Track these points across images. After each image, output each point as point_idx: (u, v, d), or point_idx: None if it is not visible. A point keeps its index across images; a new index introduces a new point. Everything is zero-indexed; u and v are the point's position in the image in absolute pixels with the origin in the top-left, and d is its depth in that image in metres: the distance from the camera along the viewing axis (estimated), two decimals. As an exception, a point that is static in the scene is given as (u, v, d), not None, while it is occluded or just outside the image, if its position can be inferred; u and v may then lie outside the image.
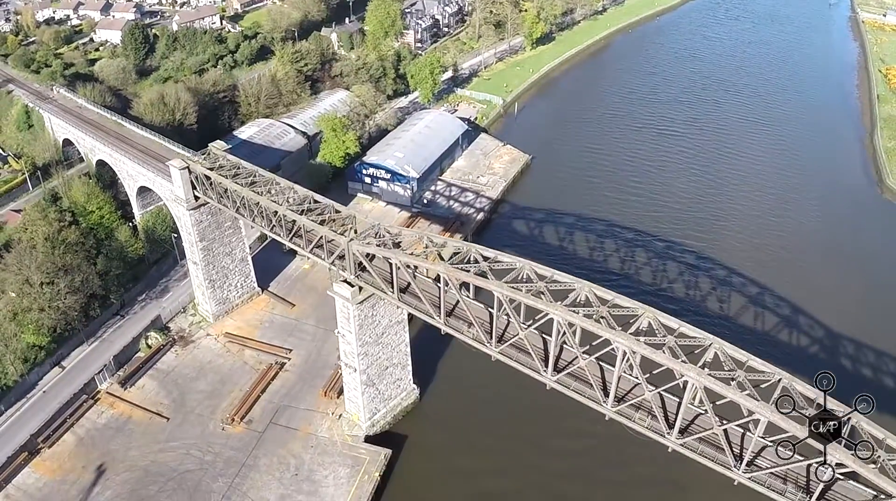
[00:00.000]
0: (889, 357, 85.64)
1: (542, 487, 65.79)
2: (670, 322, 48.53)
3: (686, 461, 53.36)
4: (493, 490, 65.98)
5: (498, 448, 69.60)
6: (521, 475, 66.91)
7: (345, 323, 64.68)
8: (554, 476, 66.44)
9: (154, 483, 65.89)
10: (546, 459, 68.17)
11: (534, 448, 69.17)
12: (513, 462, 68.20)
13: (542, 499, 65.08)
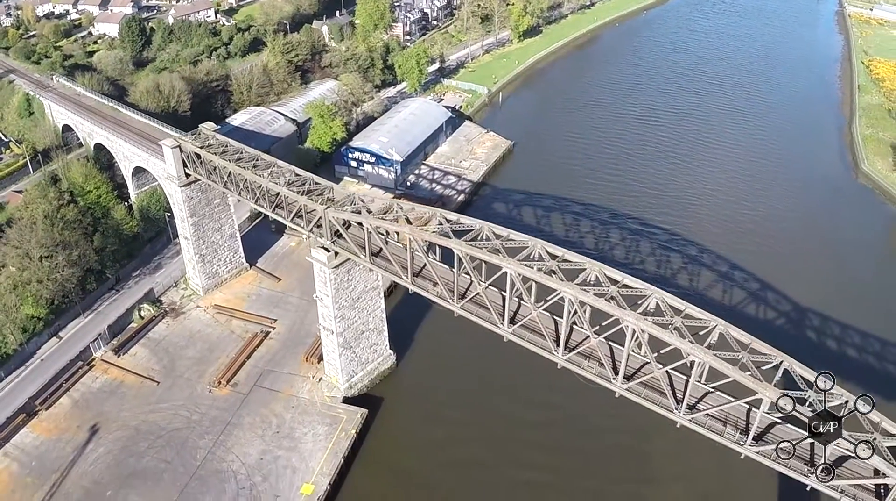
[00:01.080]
0: (853, 330, 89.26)
1: (511, 454, 69.35)
2: (614, 275, 52.62)
3: (652, 433, 57.33)
4: (462, 447, 69.77)
5: (468, 413, 73.72)
6: (491, 440, 70.59)
7: (322, 287, 68.90)
8: (523, 444, 70.14)
9: (144, 440, 70.15)
10: (516, 428, 71.81)
11: (505, 417, 72.70)
12: (483, 428, 72.02)
13: (510, 464, 68.43)
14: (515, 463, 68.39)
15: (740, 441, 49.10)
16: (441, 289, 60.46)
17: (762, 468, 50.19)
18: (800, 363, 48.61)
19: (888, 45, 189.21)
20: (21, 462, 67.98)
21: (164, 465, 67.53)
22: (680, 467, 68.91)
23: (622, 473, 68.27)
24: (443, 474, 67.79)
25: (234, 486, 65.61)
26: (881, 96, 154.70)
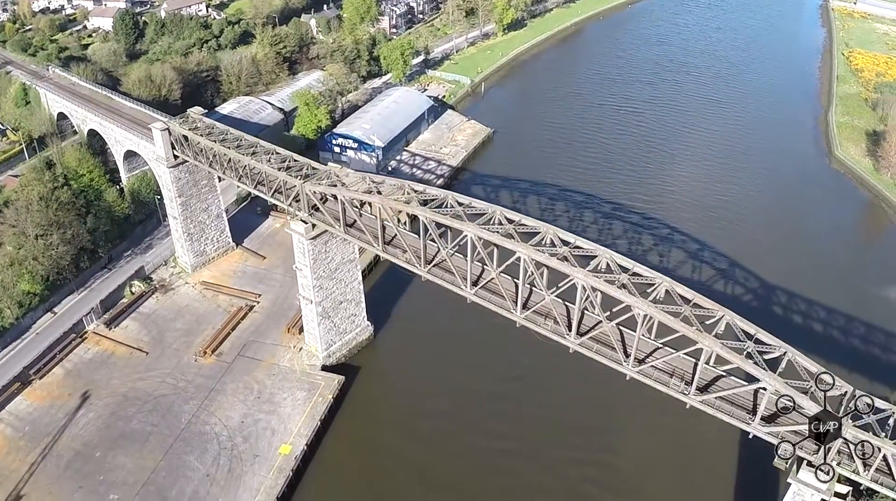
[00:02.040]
0: (819, 306, 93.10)
1: (480, 421, 73.00)
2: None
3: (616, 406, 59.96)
4: (433, 414, 73.84)
5: (441, 382, 77.95)
6: (461, 407, 74.37)
7: (301, 258, 72.72)
8: (490, 415, 73.43)
9: (132, 405, 73.99)
10: (485, 397, 75.39)
11: (475, 388, 76.50)
12: (454, 396, 75.84)
13: (479, 431, 71.96)
14: (484, 431, 71.72)
15: (685, 390, 52.82)
16: (410, 256, 64.31)
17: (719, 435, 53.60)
18: (741, 317, 52.62)
19: (869, 37, 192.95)
20: (15, 427, 71.75)
21: (150, 428, 71.38)
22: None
23: (588, 438, 72.13)
24: (414, 438, 71.65)
25: (216, 446, 69.47)
26: (859, 86, 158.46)
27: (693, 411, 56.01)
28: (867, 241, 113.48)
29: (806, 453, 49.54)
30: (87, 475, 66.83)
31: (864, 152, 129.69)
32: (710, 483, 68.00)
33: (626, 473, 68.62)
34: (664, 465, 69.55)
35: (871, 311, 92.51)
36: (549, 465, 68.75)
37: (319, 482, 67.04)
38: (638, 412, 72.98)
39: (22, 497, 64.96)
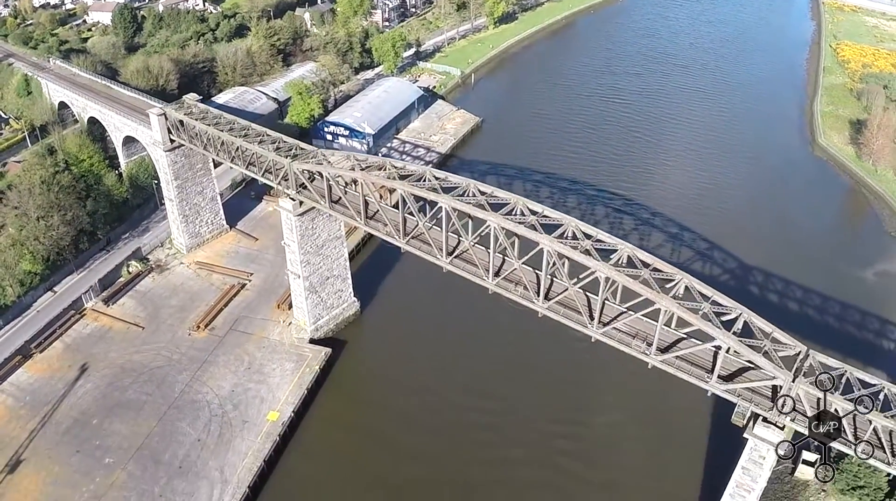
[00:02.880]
0: (796, 285, 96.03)
1: (459, 394, 76.05)
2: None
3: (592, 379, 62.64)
4: (416, 384, 77.04)
5: (424, 354, 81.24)
6: (443, 377, 77.73)
7: (289, 234, 76.02)
8: (470, 388, 76.47)
9: (128, 376, 77.30)
10: (465, 374, 78.43)
11: (456, 364, 79.60)
12: (437, 368, 79.13)
13: (459, 403, 74.92)
14: (464, 403, 74.65)
15: (646, 351, 55.82)
16: (390, 228, 67.43)
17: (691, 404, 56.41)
18: (699, 280, 55.62)
19: (858, 30, 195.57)
20: (16, 397, 75.11)
21: (145, 397, 74.71)
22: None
23: (565, 401, 75.37)
24: (397, 407, 74.94)
25: (207, 413, 72.77)
26: (845, 77, 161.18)
27: (665, 382, 59.36)
28: (848, 225, 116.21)
29: (761, 409, 52.47)
30: (84, 440, 70.14)
31: (846, 140, 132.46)
32: (681, 447, 70.97)
33: (598, 442, 71.75)
34: (635, 433, 72.58)
35: (847, 291, 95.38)
36: (526, 434, 71.74)
37: (305, 446, 70.25)
38: (613, 384, 76.46)
39: (22, 462, 68.24)
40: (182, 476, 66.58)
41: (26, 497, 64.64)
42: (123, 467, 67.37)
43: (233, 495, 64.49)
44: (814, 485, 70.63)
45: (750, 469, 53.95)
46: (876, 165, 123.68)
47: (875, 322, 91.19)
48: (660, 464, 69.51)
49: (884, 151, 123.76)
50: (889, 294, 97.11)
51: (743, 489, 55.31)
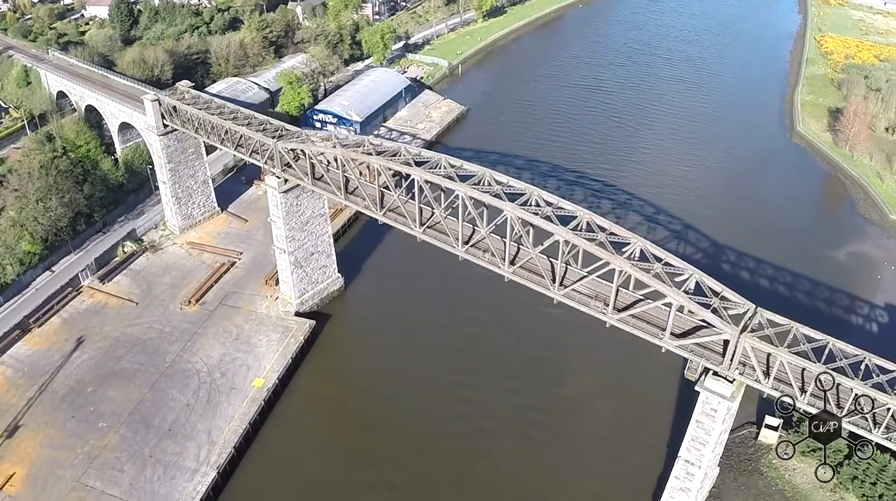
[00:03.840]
0: (767, 264, 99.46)
1: (438, 361, 79.70)
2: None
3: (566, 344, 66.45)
4: (396, 353, 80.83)
5: (404, 327, 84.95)
6: (421, 351, 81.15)
7: (275, 210, 79.70)
8: (448, 355, 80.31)
9: (122, 347, 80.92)
10: (443, 343, 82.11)
11: (434, 334, 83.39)
12: (416, 338, 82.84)
13: (438, 368, 78.72)
14: (443, 368, 78.61)
15: (604, 310, 59.27)
16: (368, 202, 71.05)
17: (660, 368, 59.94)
18: (653, 243, 59.04)
19: (844, 23, 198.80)
20: (15, 368, 78.73)
21: (138, 366, 78.38)
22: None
23: (538, 372, 78.95)
24: (378, 374, 79.02)
25: (196, 381, 76.44)
26: (827, 68, 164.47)
27: (635, 348, 62.90)
28: (822, 209, 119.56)
29: (712, 364, 55.82)
30: (79, 407, 73.80)
31: (824, 128, 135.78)
32: (649, 408, 74.67)
33: (570, 401, 75.61)
34: (606, 394, 76.49)
35: (818, 269, 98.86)
36: (501, 395, 75.56)
37: (288, 411, 73.97)
38: (586, 350, 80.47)
39: (20, 427, 71.84)
40: (171, 437, 70.30)
41: (24, 459, 68.27)
42: (116, 430, 71.05)
43: (219, 455, 68.13)
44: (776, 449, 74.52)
45: (703, 423, 57.26)
46: (852, 151, 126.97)
47: (844, 298, 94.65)
48: (628, 427, 73.06)
49: (859, 137, 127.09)
50: (859, 272, 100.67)
51: (698, 442, 58.63)
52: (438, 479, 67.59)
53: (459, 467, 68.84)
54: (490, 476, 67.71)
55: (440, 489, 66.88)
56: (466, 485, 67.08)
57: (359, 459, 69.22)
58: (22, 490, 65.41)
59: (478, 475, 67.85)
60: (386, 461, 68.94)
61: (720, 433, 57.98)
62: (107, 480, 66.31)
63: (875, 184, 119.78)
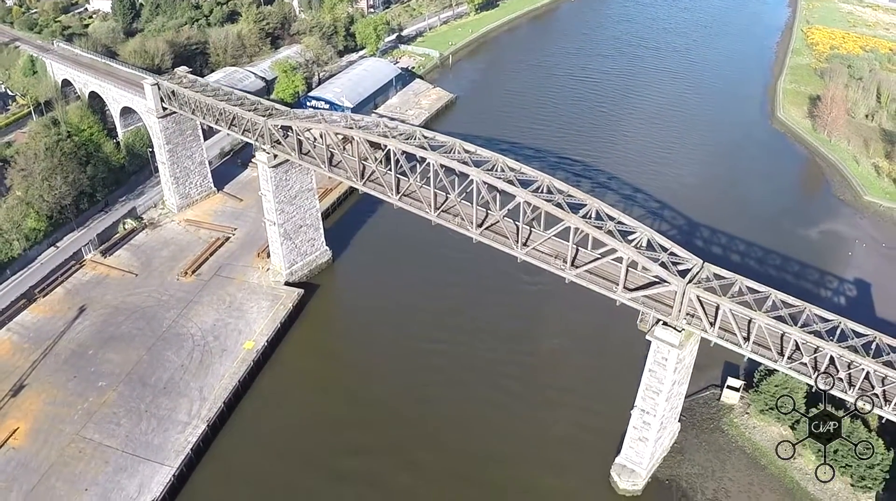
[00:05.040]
0: (740, 240, 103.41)
1: (418, 328, 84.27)
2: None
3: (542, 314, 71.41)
4: (380, 319, 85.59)
5: (388, 296, 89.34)
6: (403, 319, 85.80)
7: (265, 184, 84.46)
8: (428, 324, 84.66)
9: (122, 314, 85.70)
10: (425, 312, 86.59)
11: (416, 304, 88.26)
12: (399, 307, 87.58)
13: (418, 336, 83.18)
14: (422, 336, 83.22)
15: (562, 267, 63.58)
16: (350, 174, 75.65)
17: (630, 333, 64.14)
18: (608, 205, 63.44)
19: (832, 16, 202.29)
20: (20, 334, 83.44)
21: (136, 331, 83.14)
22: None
23: (512, 340, 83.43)
24: (362, 337, 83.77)
25: (190, 344, 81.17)
26: (812, 58, 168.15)
27: (607, 312, 67.18)
28: (799, 190, 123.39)
29: (662, 315, 60.00)
30: (80, 368, 78.52)
31: (804, 114, 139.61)
32: (617, 366, 78.07)
33: (543, 360, 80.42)
34: (578, 352, 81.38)
35: (791, 246, 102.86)
36: (478, 357, 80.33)
37: (276, 370, 78.73)
38: (562, 316, 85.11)
39: (24, 387, 76.53)
40: (166, 394, 75.07)
41: (27, 415, 73.04)
42: (115, 388, 75.83)
43: (209, 409, 72.86)
44: (737, 409, 78.60)
45: (655, 372, 61.39)
46: (830, 136, 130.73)
47: (815, 273, 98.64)
48: (597, 382, 77.40)
49: (837, 122, 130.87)
50: (830, 249, 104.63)
51: (652, 391, 62.76)
52: (414, 422, 72.96)
53: (434, 413, 74.05)
54: (463, 426, 72.32)
55: (415, 426, 72.32)
56: (439, 426, 72.56)
57: (341, 412, 73.97)
58: (25, 443, 70.19)
59: (451, 424, 72.69)
60: (367, 412, 73.65)
61: (673, 383, 62.01)
62: (104, 433, 71.11)
63: (851, 167, 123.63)
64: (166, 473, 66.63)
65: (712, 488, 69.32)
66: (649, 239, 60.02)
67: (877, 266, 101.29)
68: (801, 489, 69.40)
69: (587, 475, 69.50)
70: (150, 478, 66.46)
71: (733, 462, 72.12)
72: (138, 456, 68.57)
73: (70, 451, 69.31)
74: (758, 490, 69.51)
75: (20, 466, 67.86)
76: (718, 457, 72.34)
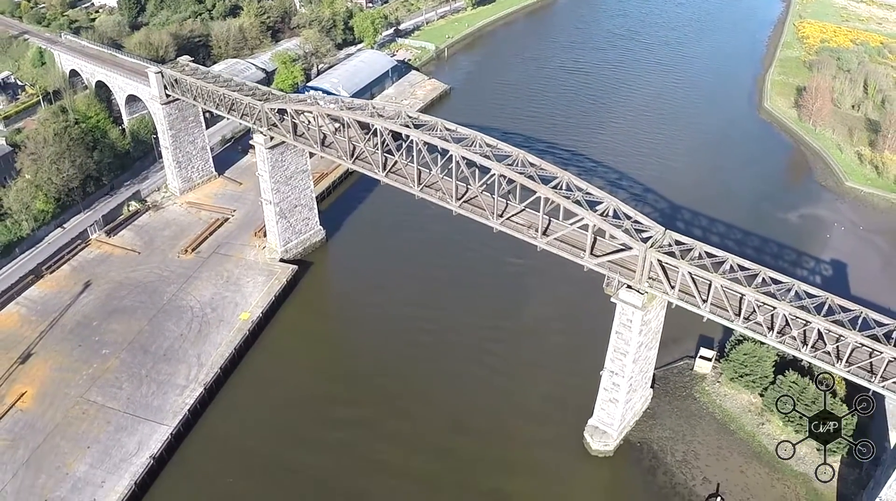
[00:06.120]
0: (720, 222, 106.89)
1: (407, 302, 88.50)
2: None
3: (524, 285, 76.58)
4: (370, 293, 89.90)
5: (378, 272, 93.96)
6: (393, 292, 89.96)
7: (262, 165, 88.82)
8: (417, 297, 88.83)
9: (125, 289, 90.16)
10: (413, 286, 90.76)
11: (405, 278, 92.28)
12: (388, 282, 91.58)
13: (406, 308, 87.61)
14: (411, 307, 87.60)
15: (534, 236, 67.48)
16: (340, 153, 79.84)
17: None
18: (577, 177, 67.29)
19: (826, 10, 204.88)
20: (28, 308, 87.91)
21: (138, 304, 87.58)
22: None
23: (496, 308, 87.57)
24: (353, 310, 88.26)
25: (189, 315, 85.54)
26: (802, 51, 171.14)
27: (588, 285, 70.73)
28: (782, 177, 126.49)
29: (625, 278, 63.63)
30: (85, 337, 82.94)
31: (791, 104, 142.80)
32: (594, 337, 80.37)
33: (524, 330, 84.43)
34: (557, 322, 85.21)
35: (769, 228, 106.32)
36: (462, 328, 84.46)
37: (270, 338, 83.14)
38: (543, 290, 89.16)
39: (32, 355, 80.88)
40: (166, 361, 79.45)
41: (34, 381, 77.40)
42: (117, 356, 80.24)
43: (206, 374, 77.21)
44: (709, 378, 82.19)
45: (622, 333, 65.09)
46: (815, 125, 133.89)
47: (792, 254, 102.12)
48: (574, 350, 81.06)
49: (822, 112, 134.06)
50: (809, 232, 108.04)
51: (619, 353, 66.44)
52: (400, 381, 77.70)
53: (418, 374, 78.63)
54: (446, 393, 76.39)
55: (401, 384, 77.18)
56: (423, 386, 77.02)
57: (331, 375, 78.83)
58: (32, 406, 74.63)
59: (435, 391, 76.72)
60: (356, 376, 78.12)
61: (639, 345, 65.65)
62: (107, 396, 75.56)
63: (834, 154, 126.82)
64: (164, 432, 71.03)
65: (682, 451, 72.98)
66: (615, 208, 63.81)
67: (854, 248, 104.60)
68: (769, 452, 72.81)
69: (562, 435, 73.35)
70: (149, 437, 70.84)
71: (703, 427, 75.72)
72: (138, 417, 72.99)
73: (74, 412, 73.76)
74: (726, 452, 73.04)
75: (27, 426, 72.32)
76: (689, 422, 75.99)
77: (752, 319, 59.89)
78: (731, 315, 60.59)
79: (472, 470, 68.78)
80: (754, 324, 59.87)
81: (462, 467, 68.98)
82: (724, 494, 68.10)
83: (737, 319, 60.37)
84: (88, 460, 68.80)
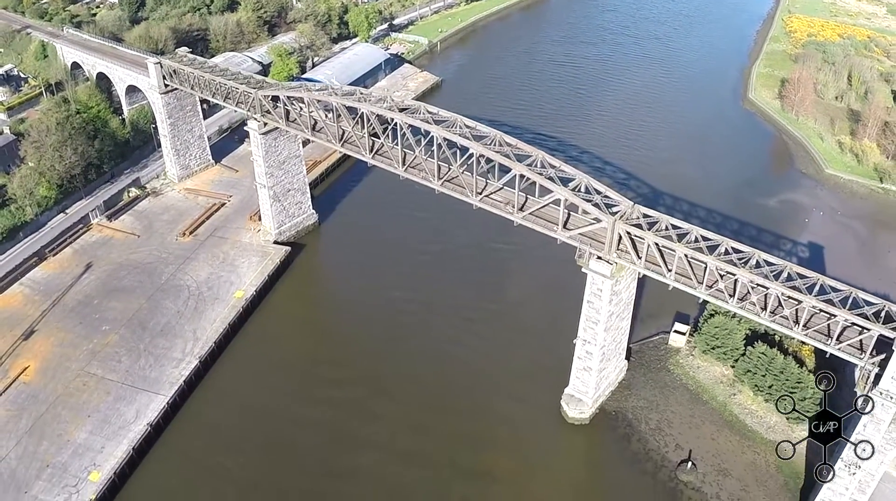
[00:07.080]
0: (701, 207, 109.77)
1: (394, 283, 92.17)
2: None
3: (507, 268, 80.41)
4: (360, 272, 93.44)
5: (367, 254, 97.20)
6: (380, 275, 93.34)
7: (256, 150, 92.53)
8: (403, 279, 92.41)
9: (125, 270, 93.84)
10: (400, 269, 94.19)
11: (393, 264, 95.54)
12: (376, 264, 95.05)
13: (393, 289, 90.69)
14: (397, 288, 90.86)
15: (511, 211, 70.99)
16: (330, 136, 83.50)
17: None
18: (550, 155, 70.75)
19: (815, 5, 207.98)
20: (32, 288, 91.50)
21: (137, 284, 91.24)
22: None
23: (479, 292, 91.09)
24: (342, 289, 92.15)
25: (186, 293, 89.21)
26: (789, 45, 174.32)
27: (570, 263, 72.84)
28: (763, 165, 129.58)
29: (596, 250, 67.01)
30: (86, 315, 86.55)
31: (774, 95, 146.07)
32: (574, 312, 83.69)
33: (507, 306, 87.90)
34: (539, 298, 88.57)
35: (749, 213, 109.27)
36: (445, 309, 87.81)
37: (264, 315, 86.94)
38: (526, 269, 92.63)
39: (35, 332, 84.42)
40: (163, 336, 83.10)
41: (37, 355, 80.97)
42: (117, 332, 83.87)
43: (202, 347, 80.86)
44: (683, 351, 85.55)
45: (593, 302, 68.51)
46: (798, 115, 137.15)
47: (770, 237, 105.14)
48: (555, 327, 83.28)
49: (804, 102, 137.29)
50: (788, 216, 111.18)
51: (591, 321, 69.83)
52: (386, 358, 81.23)
53: (404, 350, 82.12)
54: (429, 372, 79.74)
55: (387, 361, 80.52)
56: (409, 359, 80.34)
57: (321, 350, 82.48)
58: (34, 378, 78.17)
59: (418, 357, 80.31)
60: (344, 351, 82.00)
61: (609, 314, 69.06)
62: (107, 368, 79.18)
63: (815, 143, 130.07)
64: (161, 401, 74.64)
65: (656, 419, 76.24)
66: (586, 184, 67.34)
67: (831, 232, 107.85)
68: (740, 421, 76.12)
69: (541, 404, 76.73)
70: (147, 406, 74.45)
71: (677, 397, 79.01)
72: (136, 387, 76.65)
73: (75, 384, 77.37)
74: (698, 421, 76.27)
75: (30, 397, 75.93)
76: (663, 393, 79.26)
77: (714, 286, 63.27)
78: (695, 283, 63.97)
79: (455, 444, 71.65)
80: (716, 291, 63.20)
81: (444, 442, 71.88)
82: (695, 459, 71.30)
83: (700, 286, 63.69)
84: (88, 427, 72.42)
